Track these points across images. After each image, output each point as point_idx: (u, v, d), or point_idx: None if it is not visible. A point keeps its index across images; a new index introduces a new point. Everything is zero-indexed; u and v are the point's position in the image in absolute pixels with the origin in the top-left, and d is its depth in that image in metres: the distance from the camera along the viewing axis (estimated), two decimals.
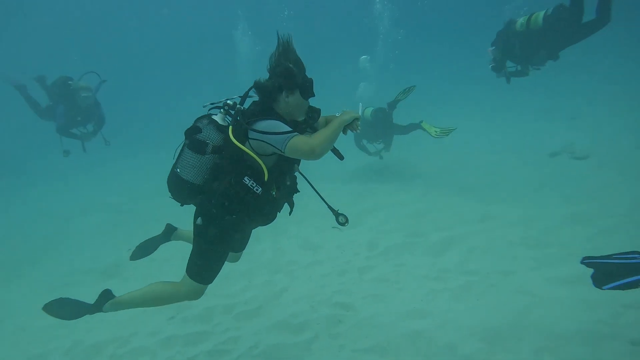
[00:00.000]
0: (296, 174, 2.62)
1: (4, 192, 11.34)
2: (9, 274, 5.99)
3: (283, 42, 2.32)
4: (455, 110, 13.57)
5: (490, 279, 3.94)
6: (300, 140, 2.17)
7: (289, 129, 2.21)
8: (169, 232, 3.59)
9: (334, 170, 8.74)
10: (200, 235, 2.51)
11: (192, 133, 2.39)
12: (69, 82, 6.54)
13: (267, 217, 2.52)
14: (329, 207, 2.66)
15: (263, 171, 2.27)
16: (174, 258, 5.14)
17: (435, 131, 7.67)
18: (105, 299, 2.81)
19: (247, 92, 2.44)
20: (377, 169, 8.87)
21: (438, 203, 6.27)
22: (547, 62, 6.38)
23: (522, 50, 6.35)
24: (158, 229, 3.66)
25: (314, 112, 2.52)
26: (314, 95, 2.41)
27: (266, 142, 2.21)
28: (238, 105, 2.37)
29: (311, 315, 3.84)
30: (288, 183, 2.53)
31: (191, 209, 2.63)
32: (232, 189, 2.33)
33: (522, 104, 12.38)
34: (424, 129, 7.86)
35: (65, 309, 2.82)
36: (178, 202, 2.56)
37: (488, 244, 4.71)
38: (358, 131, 2.46)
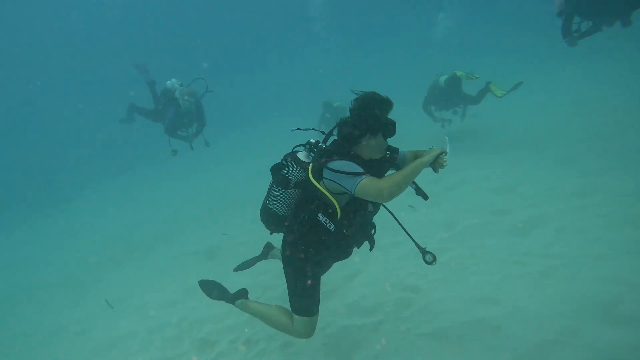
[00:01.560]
0: (372, 209, 2.64)
1: (124, 186, 13.23)
2: (135, 255, 7.20)
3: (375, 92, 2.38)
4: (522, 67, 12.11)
5: (578, 264, 3.67)
6: (369, 183, 2.22)
7: (360, 171, 2.28)
8: (267, 251, 3.92)
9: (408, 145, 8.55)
10: (287, 266, 2.73)
11: (277, 169, 2.58)
12: (176, 89, 7.23)
13: (341, 253, 2.67)
14: (416, 244, 2.70)
15: (336, 209, 2.41)
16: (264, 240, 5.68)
17: (503, 92, 7.52)
18: (239, 297, 3.32)
19: (330, 131, 2.55)
20: (454, 142, 8.44)
21: (528, 176, 5.84)
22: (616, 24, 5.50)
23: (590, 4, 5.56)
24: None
25: (392, 151, 2.61)
26: (394, 135, 2.46)
27: (337, 182, 2.32)
28: (320, 144, 2.51)
29: (382, 298, 4.02)
30: (362, 221, 2.61)
31: None
32: (307, 225, 2.49)
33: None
34: (491, 91, 7.78)
35: (214, 290, 3.48)
36: (268, 229, 2.77)
37: (583, 223, 4.33)
38: (445, 166, 2.43)
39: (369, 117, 2.35)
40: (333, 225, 2.46)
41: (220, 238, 6.92)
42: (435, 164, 2.41)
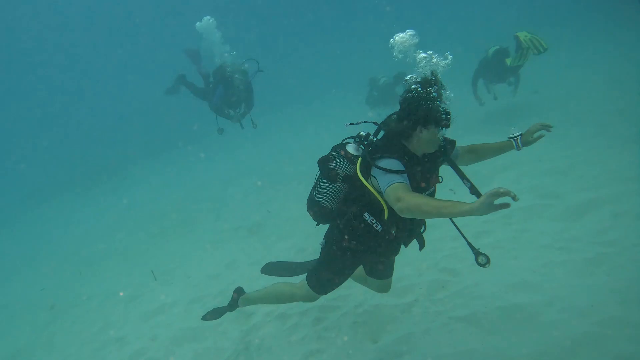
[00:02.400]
0: None
1: (178, 163, 13.76)
2: (182, 230, 7.59)
3: (426, 78, 2.24)
4: None
5: (631, 253, 3.41)
6: (395, 188, 2.08)
7: (396, 174, 2.13)
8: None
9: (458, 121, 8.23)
10: (323, 252, 2.74)
11: (324, 162, 2.49)
12: (228, 68, 7.19)
13: (387, 253, 2.59)
14: (468, 243, 2.53)
15: (383, 209, 2.28)
16: (306, 217, 5.80)
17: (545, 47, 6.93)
18: (237, 298, 3.38)
19: (382, 124, 2.44)
20: (506, 118, 7.99)
21: (587, 156, 5.45)
22: None
23: None
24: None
25: (448, 144, 2.45)
26: (449, 127, 2.27)
27: (379, 181, 2.21)
28: (371, 137, 2.40)
29: (416, 279, 3.98)
30: (411, 222, 2.47)
31: None
32: (353, 223, 2.43)
33: None
34: (520, 40, 7.09)
35: (214, 315, 3.54)
36: (315, 221, 2.71)
37: None
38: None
39: (422, 110, 2.20)
40: (380, 226, 2.37)
41: (263, 215, 7.13)
42: (492, 207, 1.71)
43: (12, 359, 5.02)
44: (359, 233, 2.44)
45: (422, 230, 2.59)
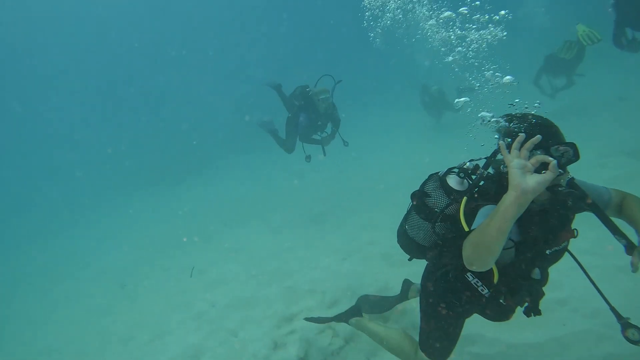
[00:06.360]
0: (539, 276, 2.02)
1: (255, 163, 14.75)
2: (256, 216, 8.49)
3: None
4: None
5: None
6: (467, 243, 1.68)
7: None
8: (406, 289, 3.42)
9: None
10: (422, 303, 2.38)
11: (420, 196, 2.16)
12: (307, 89, 6.66)
13: (495, 317, 2.14)
14: (613, 310, 2.04)
15: (492, 270, 1.85)
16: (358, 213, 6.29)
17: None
18: (352, 315, 3.22)
19: (494, 154, 1.93)
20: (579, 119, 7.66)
21: None
22: None
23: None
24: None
25: (572, 187, 1.76)
26: (572, 161, 1.72)
27: None
28: (481, 170, 1.94)
29: None
30: (529, 289, 2.00)
31: None
32: (451, 282, 2.09)
33: None
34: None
35: (319, 320, 3.59)
36: (406, 254, 2.41)
37: None
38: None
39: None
40: (487, 290, 1.98)
41: (326, 205, 7.76)
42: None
43: (103, 315, 6.20)
44: (460, 294, 2.10)
45: (540, 299, 2.11)
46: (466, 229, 1.81)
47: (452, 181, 2.08)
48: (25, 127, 24.18)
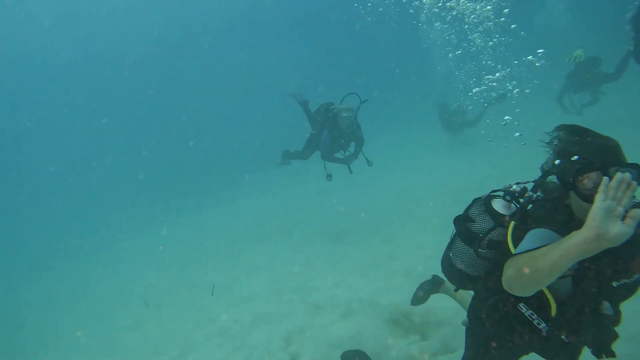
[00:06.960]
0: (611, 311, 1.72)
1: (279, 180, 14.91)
2: (277, 232, 8.57)
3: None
4: None
5: None
6: (512, 264, 1.58)
7: (533, 247, 1.54)
8: (438, 283, 3.49)
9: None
10: (471, 337, 2.16)
11: (463, 222, 2.05)
12: (331, 106, 6.61)
13: (555, 357, 1.88)
14: None
15: (549, 302, 1.68)
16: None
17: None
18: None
19: (544, 175, 1.80)
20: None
21: None
22: None
23: None
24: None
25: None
26: None
27: None
28: (529, 193, 1.85)
29: None
30: (596, 324, 1.72)
31: None
32: (502, 315, 1.84)
33: None
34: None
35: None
36: (452, 284, 2.27)
37: None
38: None
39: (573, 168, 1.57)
40: (544, 325, 1.74)
41: (347, 222, 7.79)
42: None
43: (136, 326, 6.33)
44: (513, 328, 1.83)
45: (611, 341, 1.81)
46: (512, 251, 1.68)
47: (498, 205, 1.96)
48: (58, 150, 25.06)
